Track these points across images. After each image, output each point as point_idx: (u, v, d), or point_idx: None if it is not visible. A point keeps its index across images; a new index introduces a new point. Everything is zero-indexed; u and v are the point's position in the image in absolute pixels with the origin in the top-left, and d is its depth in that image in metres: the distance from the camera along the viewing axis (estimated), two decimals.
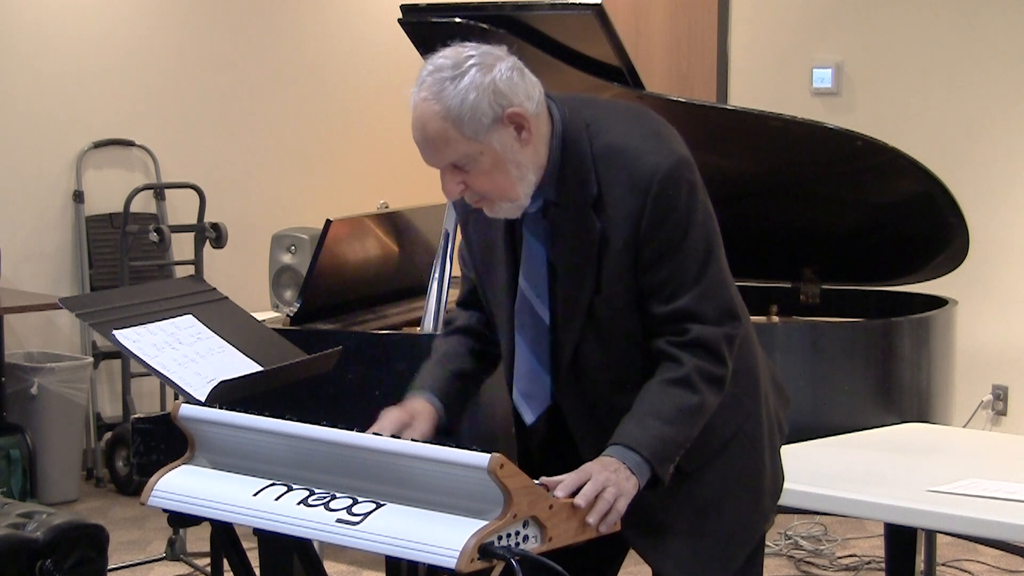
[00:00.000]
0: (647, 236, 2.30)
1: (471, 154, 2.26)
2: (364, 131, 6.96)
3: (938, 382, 4.25)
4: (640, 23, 6.90)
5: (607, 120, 2.37)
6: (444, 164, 2.29)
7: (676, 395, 2.31)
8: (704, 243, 2.34)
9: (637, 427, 2.29)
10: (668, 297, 2.33)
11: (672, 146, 2.34)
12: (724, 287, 2.38)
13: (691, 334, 2.32)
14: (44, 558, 3.33)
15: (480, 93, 2.23)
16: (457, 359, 2.54)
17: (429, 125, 2.26)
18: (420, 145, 2.30)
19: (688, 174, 2.33)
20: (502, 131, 2.26)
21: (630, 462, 2.26)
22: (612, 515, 2.22)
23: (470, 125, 2.24)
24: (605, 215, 2.32)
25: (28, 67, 5.96)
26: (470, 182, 2.30)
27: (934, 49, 6.02)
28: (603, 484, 2.21)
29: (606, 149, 2.33)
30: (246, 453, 2.37)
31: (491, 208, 2.34)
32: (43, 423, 5.63)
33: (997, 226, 5.75)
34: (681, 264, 2.32)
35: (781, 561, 5.01)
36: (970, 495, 2.99)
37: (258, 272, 5.68)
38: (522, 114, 2.26)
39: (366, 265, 4.45)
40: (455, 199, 2.36)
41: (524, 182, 2.31)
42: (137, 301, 3.09)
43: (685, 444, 2.34)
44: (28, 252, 5.95)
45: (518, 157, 2.29)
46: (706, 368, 2.33)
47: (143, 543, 5.16)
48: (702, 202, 2.35)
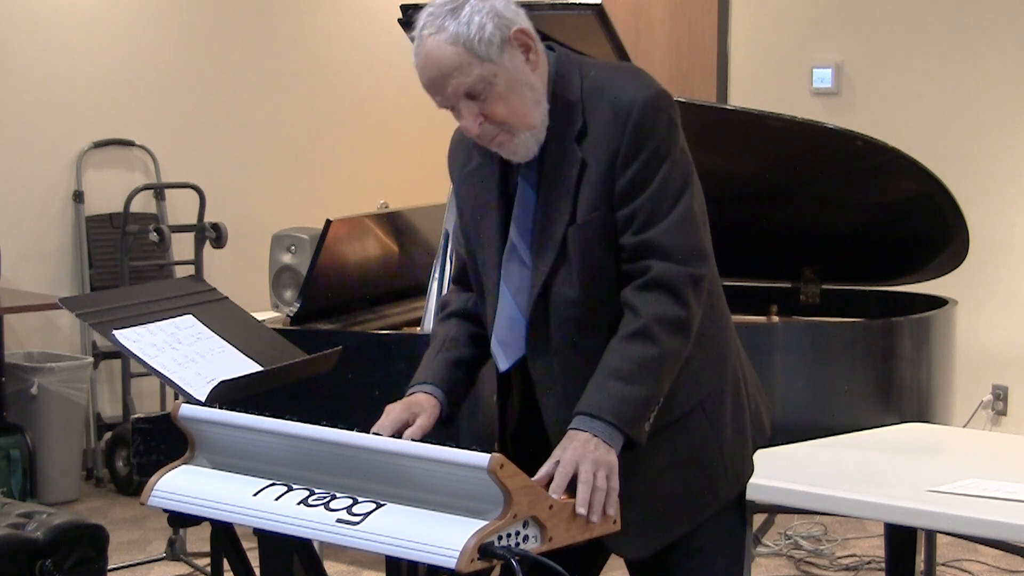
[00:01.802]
0: (624, 163, 2.31)
1: (486, 76, 2.28)
2: (364, 131, 6.97)
3: (938, 382, 4.25)
4: (640, 23, 6.90)
5: (599, 64, 2.43)
6: (458, 95, 2.30)
7: (635, 350, 2.28)
8: (680, 180, 2.34)
9: (599, 392, 2.27)
10: (638, 228, 2.32)
11: (655, 83, 2.37)
12: (694, 226, 2.36)
13: (652, 272, 2.31)
14: (44, 558, 3.33)
15: (484, 16, 2.27)
16: (456, 346, 2.54)
17: (442, 55, 2.27)
18: (433, 81, 2.30)
19: (668, 109, 2.35)
20: (511, 52, 2.29)
21: (600, 431, 2.24)
22: (611, 496, 2.21)
23: (481, 45, 2.26)
24: (586, 146, 2.34)
25: (28, 67, 5.96)
26: (488, 111, 2.30)
27: (934, 49, 6.02)
28: (592, 472, 2.20)
29: (595, 84, 2.36)
30: (246, 453, 2.37)
31: (511, 142, 2.34)
32: (43, 423, 5.63)
33: (997, 226, 5.75)
34: (654, 195, 2.31)
35: (781, 561, 5.01)
36: (970, 495, 2.99)
37: (258, 272, 5.68)
38: (527, 32, 2.30)
39: (366, 265, 4.45)
40: (476, 133, 2.34)
41: (540, 106, 2.33)
42: (137, 301, 3.09)
43: (655, 399, 2.31)
44: (28, 252, 5.95)
45: (530, 79, 2.32)
46: (665, 313, 2.29)
47: (143, 543, 5.16)
48: (680, 139, 2.36)
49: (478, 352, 2.55)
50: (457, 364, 2.52)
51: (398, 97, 6.84)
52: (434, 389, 2.47)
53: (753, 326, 4.30)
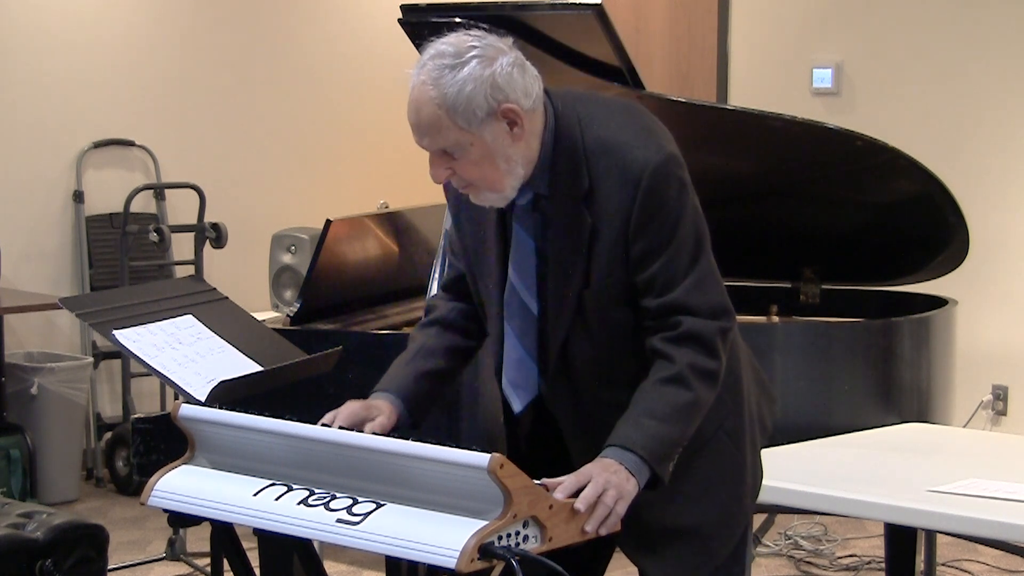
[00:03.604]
0: (637, 230, 2.32)
1: (461, 143, 2.28)
2: (364, 131, 6.96)
3: (938, 382, 4.25)
4: (640, 23, 6.90)
5: (599, 115, 2.39)
6: (434, 149, 2.31)
7: (670, 393, 2.31)
8: (694, 239, 2.35)
9: (633, 428, 2.30)
10: (660, 291, 2.34)
11: (662, 142, 2.35)
12: (715, 283, 2.39)
13: (683, 327, 2.33)
14: (44, 558, 3.33)
15: (477, 86, 2.25)
16: (431, 357, 2.55)
17: (423, 110, 2.27)
18: (413, 127, 2.31)
19: (677, 171, 2.34)
20: (495, 125, 2.28)
21: (628, 463, 2.26)
22: (612, 518, 2.22)
23: (463, 115, 2.25)
24: (595, 209, 2.33)
25: (28, 67, 5.96)
26: (458, 169, 2.32)
27: (934, 49, 6.02)
28: (603, 486, 2.21)
29: (597, 143, 2.34)
30: (246, 453, 2.37)
31: (476, 196, 2.36)
32: (43, 423, 5.63)
33: (997, 226, 5.75)
34: (672, 258, 2.33)
35: (781, 561, 5.01)
36: (970, 495, 2.99)
37: (258, 272, 5.68)
38: (516, 110, 2.28)
39: (366, 265, 4.45)
40: (441, 183, 2.37)
41: (511, 175, 2.32)
42: (137, 301, 3.09)
43: (682, 442, 2.34)
44: (28, 252, 5.95)
45: (508, 151, 2.30)
46: (698, 363, 2.33)
47: (143, 543, 5.16)
48: (691, 199, 2.36)
49: (452, 364, 2.58)
50: (426, 375, 2.53)
51: (398, 97, 6.79)
52: (395, 400, 2.48)
53: (753, 326, 4.30)
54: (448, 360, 2.56)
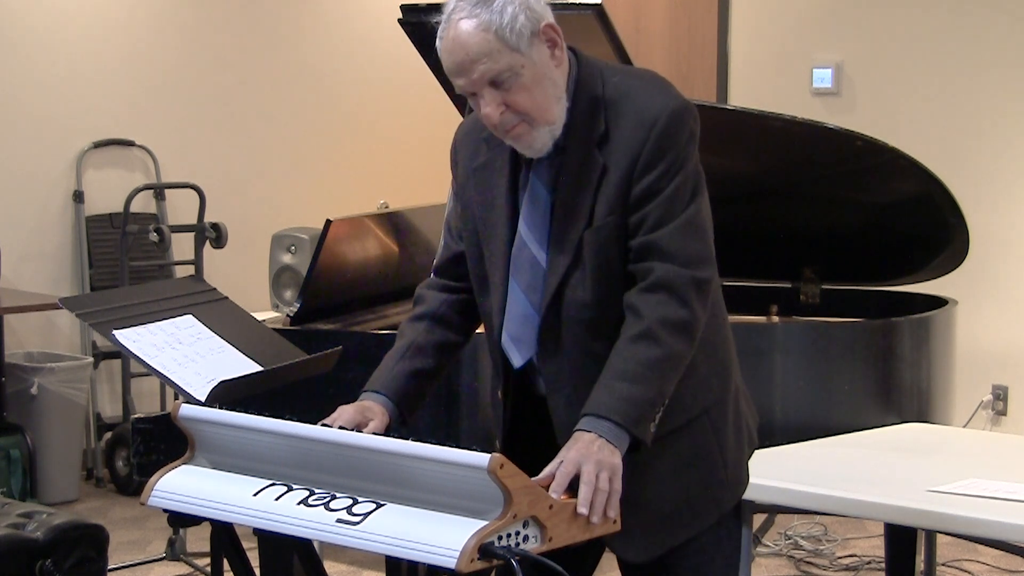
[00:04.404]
0: (643, 169, 2.33)
1: (514, 66, 2.29)
2: (364, 131, 6.96)
3: (938, 382, 4.25)
4: (640, 23, 6.90)
5: (620, 69, 2.46)
6: (483, 82, 2.30)
7: (639, 351, 2.29)
8: (691, 190, 2.36)
9: (605, 393, 2.28)
10: (645, 231, 2.34)
11: (681, 95, 2.40)
12: (699, 232, 2.38)
13: (654, 274, 2.32)
14: (44, 558, 3.33)
15: (517, 7, 2.29)
16: (420, 356, 2.54)
17: (472, 39, 2.28)
18: (459, 65, 2.30)
19: (691, 122, 2.38)
20: (540, 46, 2.32)
21: (605, 432, 2.24)
22: (612, 498, 2.21)
23: (513, 36, 2.28)
24: (607, 150, 2.36)
25: (28, 67, 5.96)
26: (510, 100, 2.31)
27: (934, 49, 6.02)
28: (595, 473, 2.20)
29: (617, 91, 2.38)
30: (246, 453, 2.37)
31: (528, 133, 2.35)
32: (43, 423, 5.63)
33: (997, 226, 5.75)
34: (666, 201, 2.33)
35: (781, 561, 5.01)
36: (970, 495, 2.99)
37: (258, 272, 5.68)
38: (555, 28, 2.33)
39: (366, 265, 4.45)
40: (496, 120, 2.34)
41: (560, 103, 2.35)
42: (137, 301, 3.09)
43: (660, 400, 2.32)
44: (28, 252, 5.95)
45: (554, 74, 2.34)
46: (668, 315, 2.30)
47: (143, 543, 5.16)
48: (696, 154, 2.39)
49: (441, 361, 2.57)
50: (416, 374, 2.53)
51: (398, 97, 6.83)
52: (386, 401, 2.48)
53: (753, 326, 4.31)
54: (438, 358, 2.56)
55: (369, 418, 2.43)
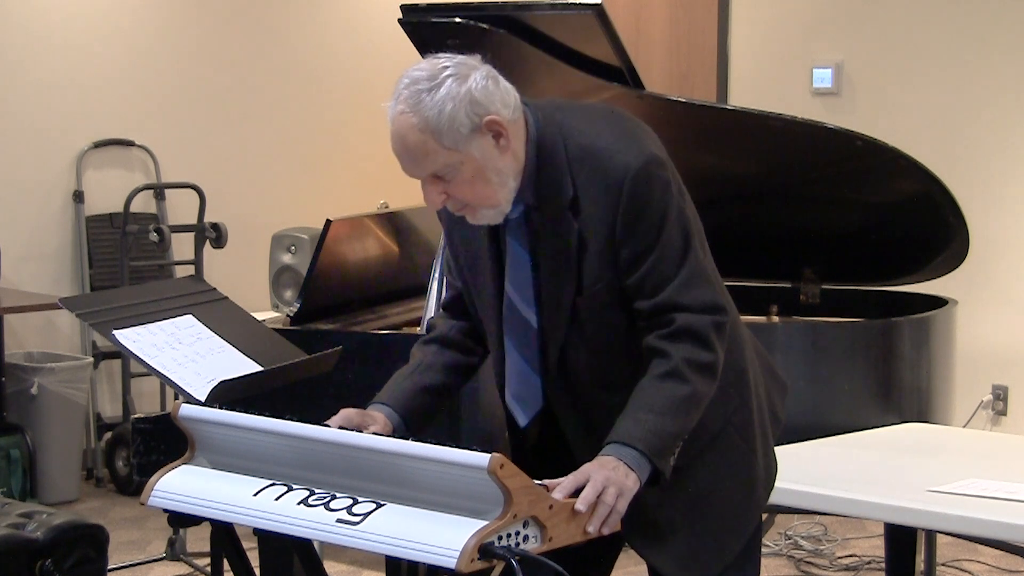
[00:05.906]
0: (624, 235, 2.33)
1: (451, 164, 2.28)
2: (364, 131, 6.96)
3: (938, 382, 4.25)
4: (640, 23, 6.90)
5: (580, 123, 2.39)
6: (425, 175, 2.31)
7: (667, 387, 2.32)
8: (681, 238, 2.35)
9: (631, 423, 2.30)
10: (651, 292, 2.34)
11: (643, 145, 2.36)
12: (706, 280, 2.39)
13: (677, 323, 2.34)
14: (44, 558, 3.33)
15: (457, 103, 2.24)
16: (429, 373, 2.56)
17: (408, 137, 2.27)
18: (400, 157, 2.30)
19: (659, 171, 2.34)
20: (481, 139, 2.28)
21: (627, 458, 2.26)
22: (613, 516, 2.22)
23: (449, 135, 2.25)
24: (581, 216, 2.34)
25: (28, 67, 5.96)
26: (452, 191, 2.32)
27: (934, 49, 6.02)
28: (603, 485, 2.21)
29: (580, 151, 2.35)
30: (246, 453, 2.37)
31: (474, 215, 2.36)
32: (43, 423, 5.63)
33: (997, 226, 5.75)
34: (660, 259, 2.33)
35: (781, 561, 5.01)
36: (970, 495, 2.99)
37: (258, 272, 5.68)
38: (499, 121, 2.28)
39: (366, 265, 4.45)
40: (438, 209, 2.37)
41: (505, 188, 2.33)
42: (137, 301, 3.09)
43: (681, 435, 2.34)
44: (28, 252, 5.95)
45: (498, 164, 2.31)
46: (694, 357, 2.33)
47: (143, 543, 5.16)
48: (676, 198, 2.36)
49: (451, 380, 2.58)
50: (425, 390, 2.54)
51: None
52: (391, 413, 2.49)
53: (753, 326, 4.30)
54: (447, 376, 2.57)
55: (369, 423, 2.44)
